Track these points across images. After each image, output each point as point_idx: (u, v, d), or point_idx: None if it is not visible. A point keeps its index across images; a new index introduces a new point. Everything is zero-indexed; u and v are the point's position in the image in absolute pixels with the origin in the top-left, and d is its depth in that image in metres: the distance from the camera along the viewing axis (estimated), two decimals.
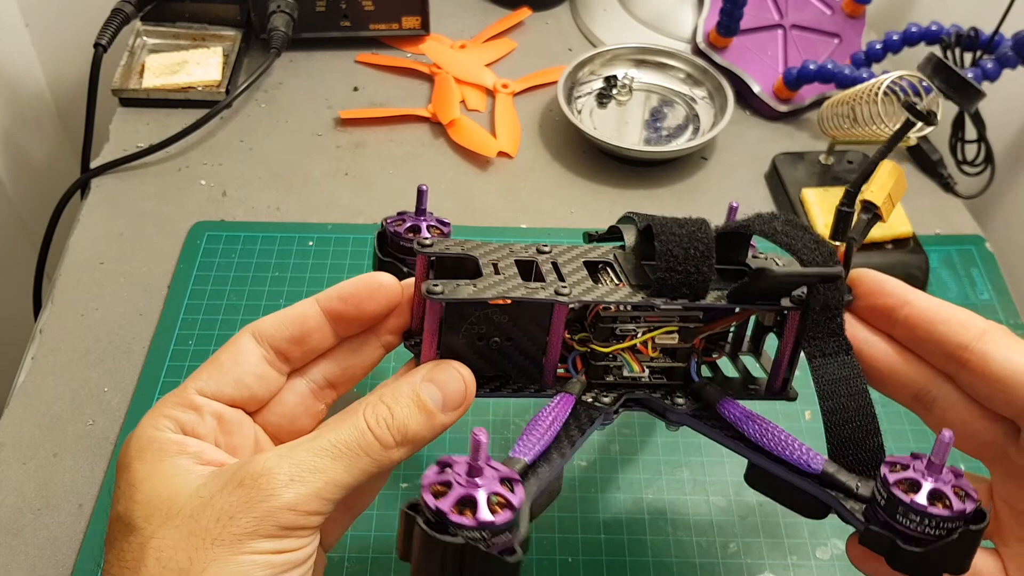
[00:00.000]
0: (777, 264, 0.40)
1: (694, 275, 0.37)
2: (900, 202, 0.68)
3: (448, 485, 0.31)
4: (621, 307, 0.38)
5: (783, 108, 0.79)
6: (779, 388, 0.41)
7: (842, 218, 0.40)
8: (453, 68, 0.81)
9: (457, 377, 0.36)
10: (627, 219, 0.42)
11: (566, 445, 0.36)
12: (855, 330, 0.39)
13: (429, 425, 0.35)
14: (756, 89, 0.78)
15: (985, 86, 0.71)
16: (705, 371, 0.42)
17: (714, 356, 0.42)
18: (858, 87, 0.66)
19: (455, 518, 0.30)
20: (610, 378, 0.40)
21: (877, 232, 0.65)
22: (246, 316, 0.61)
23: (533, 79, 0.81)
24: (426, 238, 0.38)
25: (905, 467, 0.33)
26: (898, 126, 0.41)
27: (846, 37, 0.82)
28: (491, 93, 0.80)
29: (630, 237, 0.40)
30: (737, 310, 0.40)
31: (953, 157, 0.76)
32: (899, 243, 0.66)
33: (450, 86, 0.79)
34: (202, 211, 0.69)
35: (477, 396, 0.37)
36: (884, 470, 0.33)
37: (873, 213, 0.40)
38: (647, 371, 0.40)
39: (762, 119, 0.80)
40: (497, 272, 0.37)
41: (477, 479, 0.31)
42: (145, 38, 0.80)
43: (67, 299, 0.62)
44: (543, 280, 0.37)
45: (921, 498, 0.31)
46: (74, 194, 0.73)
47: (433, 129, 0.77)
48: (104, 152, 0.73)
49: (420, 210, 0.43)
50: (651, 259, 0.38)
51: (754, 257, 0.40)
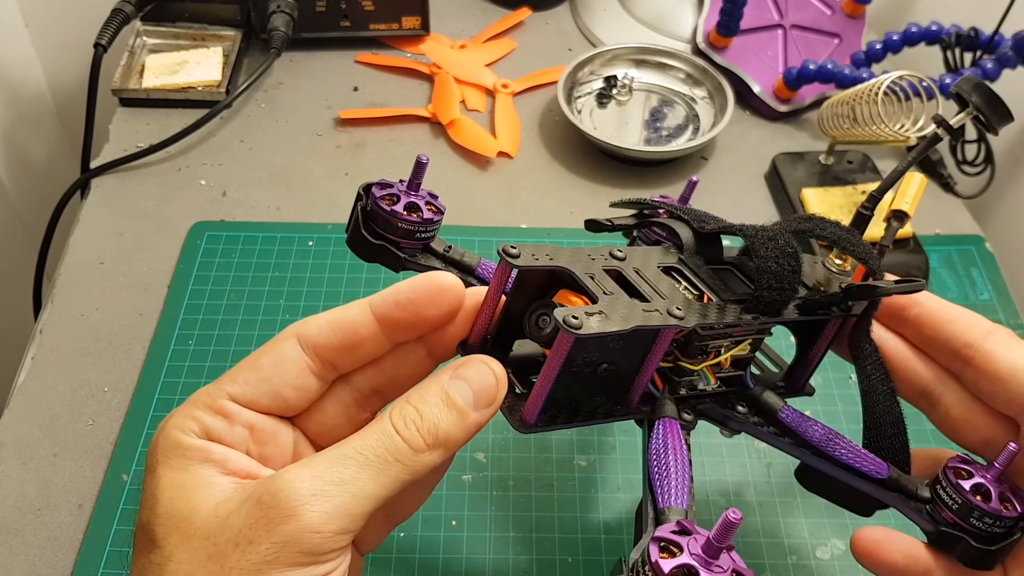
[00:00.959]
0: (816, 262, 0.41)
1: (788, 291, 0.37)
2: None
3: (678, 550, 0.29)
4: (718, 325, 0.36)
5: (783, 108, 0.79)
6: (800, 387, 0.42)
7: (862, 220, 0.42)
8: (453, 68, 0.81)
9: (487, 372, 0.33)
10: (676, 216, 0.40)
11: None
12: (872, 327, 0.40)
13: (462, 425, 0.32)
14: (756, 89, 0.78)
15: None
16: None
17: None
18: (858, 87, 0.66)
19: None
20: (683, 391, 0.39)
21: (877, 232, 0.65)
22: (246, 316, 0.61)
23: (533, 79, 0.81)
24: (512, 246, 0.33)
25: (970, 474, 0.36)
26: (921, 134, 0.44)
27: (846, 37, 0.82)
28: (491, 93, 0.80)
29: (684, 232, 0.39)
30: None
31: (953, 157, 0.76)
32: (899, 243, 0.66)
33: (450, 86, 0.79)
34: (202, 211, 0.69)
35: (574, 425, 0.35)
36: (952, 477, 0.36)
37: (903, 221, 0.42)
38: (719, 382, 0.39)
39: (762, 119, 0.80)
40: (601, 288, 0.34)
41: (713, 561, 0.29)
42: (145, 38, 0.80)
43: (67, 299, 0.62)
44: (640, 294, 0.35)
45: (995, 503, 0.35)
46: (74, 194, 0.73)
47: (433, 129, 0.77)
48: (104, 152, 0.73)
49: (415, 184, 0.37)
50: (718, 263, 0.38)
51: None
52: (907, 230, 0.66)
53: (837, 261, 0.42)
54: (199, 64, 0.78)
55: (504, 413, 0.34)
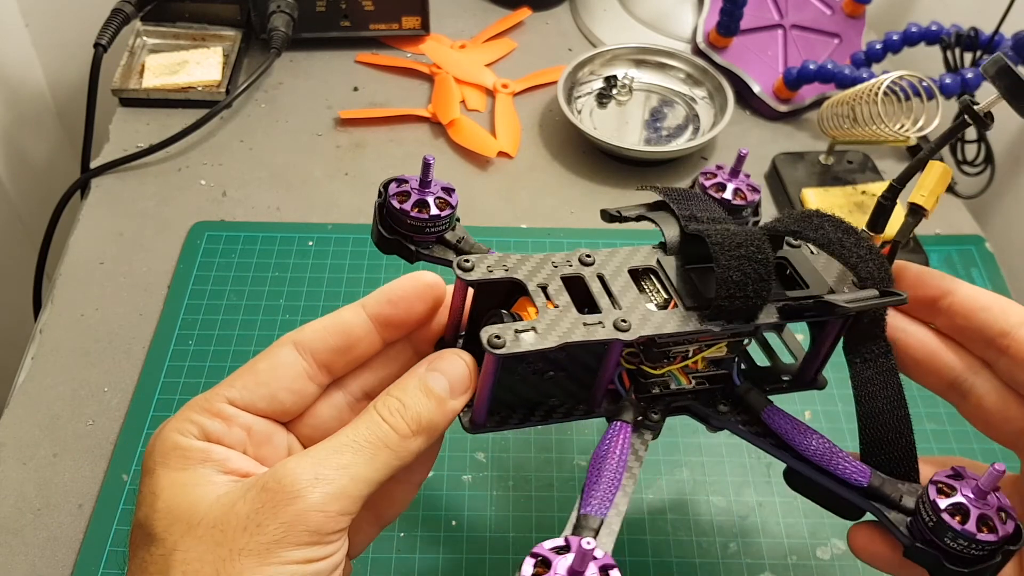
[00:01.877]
0: (812, 253, 0.40)
1: (753, 299, 0.36)
2: (900, 202, 0.68)
3: (547, 566, 0.30)
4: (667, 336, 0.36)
5: (783, 108, 0.79)
6: (810, 379, 0.41)
7: (882, 211, 0.41)
8: (453, 68, 0.81)
9: (459, 362, 0.36)
10: (662, 206, 0.40)
11: (628, 481, 0.36)
12: (893, 319, 0.39)
13: (441, 411, 0.35)
14: (756, 89, 0.78)
15: (985, 86, 0.71)
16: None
17: (745, 343, 0.41)
18: (858, 87, 0.66)
19: None
20: (656, 390, 0.39)
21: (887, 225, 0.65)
22: (246, 316, 0.61)
23: (533, 79, 0.81)
24: (467, 260, 0.35)
25: (952, 490, 0.34)
26: (941, 124, 0.41)
27: (846, 37, 0.82)
28: (491, 93, 0.80)
29: (670, 231, 0.39)
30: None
31: (953, 157, 0.76)
32: (898, 243, 0.66)
33: (450, 86, 0.79)
34: (202, 211, 0.69)
35: (528, 425, 0.37)
36: (932, 492, 0.34)
37: (920, 216, 0.40)
38: (693, 382, 0.39)
39: (762, 119, 0.80)
40: (548, 297, 0.35)
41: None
42: (145, 38, 0.80)
43: (67, 299, 0.62)
44: (594, 302, 0.35)
45: (971, 525, 0.33)
46: (74, 194, 0.73)
47: (433, 129, 0.77)
48: (104, 152, 0.73)
49: (425, 182, 0.39)
50: (697, 262, 0.37)
51: (788, 245, 0.40)
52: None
53: None
54: (199, 64, 0.78)
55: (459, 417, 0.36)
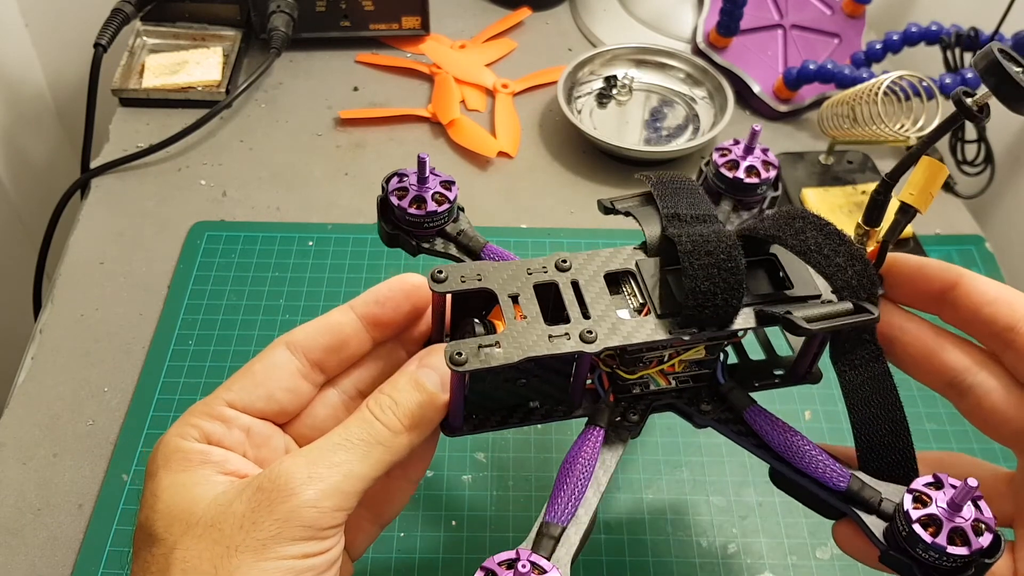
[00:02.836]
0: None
1: (723, 308, 0.35)
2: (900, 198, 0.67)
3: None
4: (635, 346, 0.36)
5: (783, 108, 0.79)
6: (804, 374, 0.41)
7: (876, 206, 0.39)
8: (453, 68, 0.81)
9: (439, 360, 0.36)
10: (649, 201, 0.40)
11: (601, 476, 0.36)
12: (890, 316, 0.38)
13: (432, 406, 0.35)
14: (756, 89, 0.78)
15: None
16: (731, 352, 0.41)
17: (739, 335, 0.40)
18: (858, 87, 0.66)
19: None
20: (636, 390, 0.39)
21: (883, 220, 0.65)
22: (246, 316, 0.61)
23: (533, 79, 0.81)
24: (440, 272, 0.36)
25: (928, 500, 0.33)
26: (933, 122, 0.40)
27: (846, 37, 0.82)
28: (491, 93, 0.80)
29: (651, 230, 0.39)
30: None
31: (953, 157, 0.76)
32: (899, 243, 0.66)
33: (450, 86, 0.79)
34: (202, 211, 0.69)
35: (507, 427, 0.38)
36: (907, 502, 0.33)
37: (911, 215, 0.38)
38: (674, 382, 0.39)
39: (762, 119, 0.80)
40: (520, 309, 0.35)
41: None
42: (145, 38, 0.80)
43: (67, 299, 0.62)
44: (564, 311, 0.36)
45: (942, 539, 0.32)
46: (74, 194, 0.73)
47: (433, 129, 0.77)
48: (104, 152, 0.73)
49: (422, 178, 0.41)
50: (676, 264, 0.37)
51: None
52: (907, 230, 0.66)
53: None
54: (199, 64, 0.78)
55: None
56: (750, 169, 0.42)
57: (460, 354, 0.33)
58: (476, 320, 0.36)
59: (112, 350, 0.59)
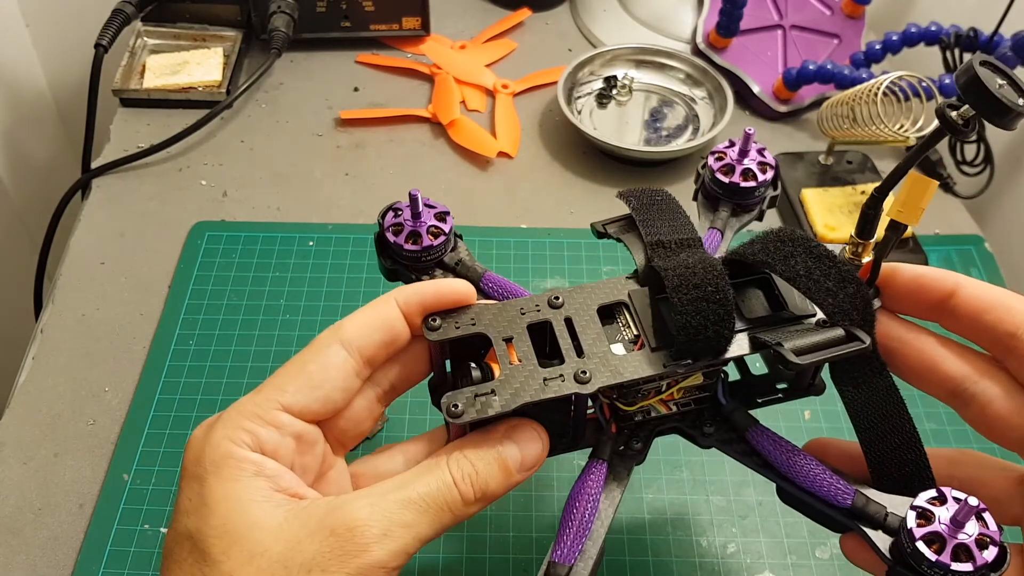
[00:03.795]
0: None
1: (714, 339, 0.36)
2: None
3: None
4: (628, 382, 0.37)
5: (783, 108, 0.79)
6: (807, 385, 0.41)
7: (867, 220, 0.40)
8: (453, 68, 0.81)
9: (536, 438, 0.36)
10: (631, 224, 0.40)
11: (607, 509, 0.37)
12: (889, 328, 0.38)
13: (506, 484, 0.35)
14: (756, 89, 0.79)
15: None
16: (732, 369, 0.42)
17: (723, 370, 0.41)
18: (857, 87, 0.66)
19: None
20: (639, 418, 0.39)
21: (877, 231, 0.65)
22: (247, 316, 0.61)
23: (533, 79, 0.81)
24: (435, 320, 0.36)
25: (931, 516, 0.33)
26: (927, 131, 0.40)
27: (845, 37, 0.82)
28: (491, 93, 0.81)
29: (640, 257, 0.39)
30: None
31: (952, 157, 0.76)
32: (898, 243, 0.66)
33: (450, 86, 0.79)
34: (203, 211, 0.69)
35: None
36: (911, 520, 0.33)
37: (901, 230, 0.39)
38: (675, 408, 0.40)
39: (762, 119, 0.80)
40: (515, 352, 0.36)
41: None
42: (146, 38, 0.80)
43: (68, 299, 0.62)
44: (559, 349, 0.36)
45: (946, 556, 0.32)
46: (75, 194, 0.73)
47: (433, 129, 0.77)
48: (105, 152, 0.73)
49: (416, 213, 0.40)
50: (666, 292, 0.37)
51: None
52: (907, 230, 0.66)
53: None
54: (200, 64, 0.78)
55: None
56: (746, 173, 0.43)
57: (456, 406, 0.34)
58: (472, 364, 0.36)
59: (113, 350, 0.59)
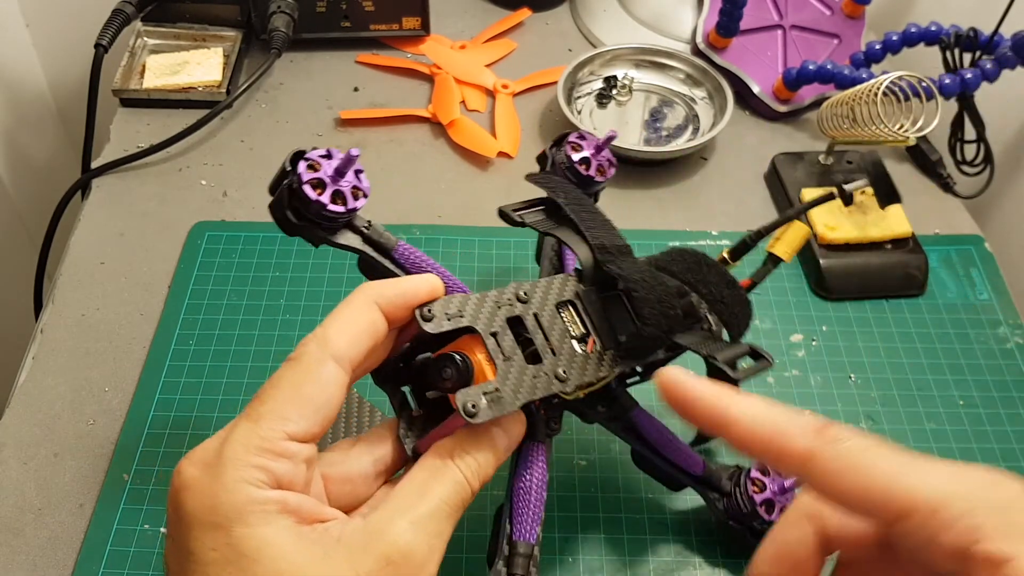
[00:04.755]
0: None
1: (663, 340, 0.40)
2: (899, 202, 0.68)
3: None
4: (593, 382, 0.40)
5: (783, 108, 0.79)
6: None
7: (744, 247, 0.46)
8: (453, 68, 0.81)
9: (518, 421, 0.38)
10: (553, 213, 0.44)
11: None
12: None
13: (497, 466, 0.37)
14: (756, 89, 0.79)
15: (984, 87, 0.71)
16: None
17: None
18: (857, 87, 0.66)
19: None
20: (556, 400, 0.42)
21: (876, 232, 0.65)
22: (247, 316, 0.61)
23: (533, 79, 0.81)
24: (429, 310, 0.36)
25: (764, 487, 0.48)
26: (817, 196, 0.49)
27: (845, 37, 0.82)
28: (491, 93, 0.81)
29: (583, 255, 0.42)
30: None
31: (952, 157, 0.76)
32: (898, 243, 0.66)
33: (450, 86, 0.79)
34: (203, 211, 0.69)
35: None
36: (748, 487, 0.48)
37: (777, 263, 0.46)
38: (586, 393, 0.42)
39: (762, 119, 0.80)
40: (500, 347, 0.37)
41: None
42: (146, 38, 0.80)
43: (68, 299, 0.62)
44: (530, 343, 0.38)
45: (776, 515, 0.47)
46: (75, 194, 0.73)
47: (433, 129, 0.77)
48: (105, 152, 0.73)
49: (341, 172, 0.39)
50: (609, 289, 0.41)
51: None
52: (906, 230, 0.66)
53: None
54: (200, 64, 0.78)
55: (401, 438, 0.39)
56: (600, 168, 0.49)
57: (474, 407, 0.35)
58: (455, 355, 0.37)
59: (113, 350, 0.59)
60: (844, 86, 0.74)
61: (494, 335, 0.37)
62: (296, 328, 0.61)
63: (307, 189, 0.38)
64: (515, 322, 0.38)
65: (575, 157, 0.48)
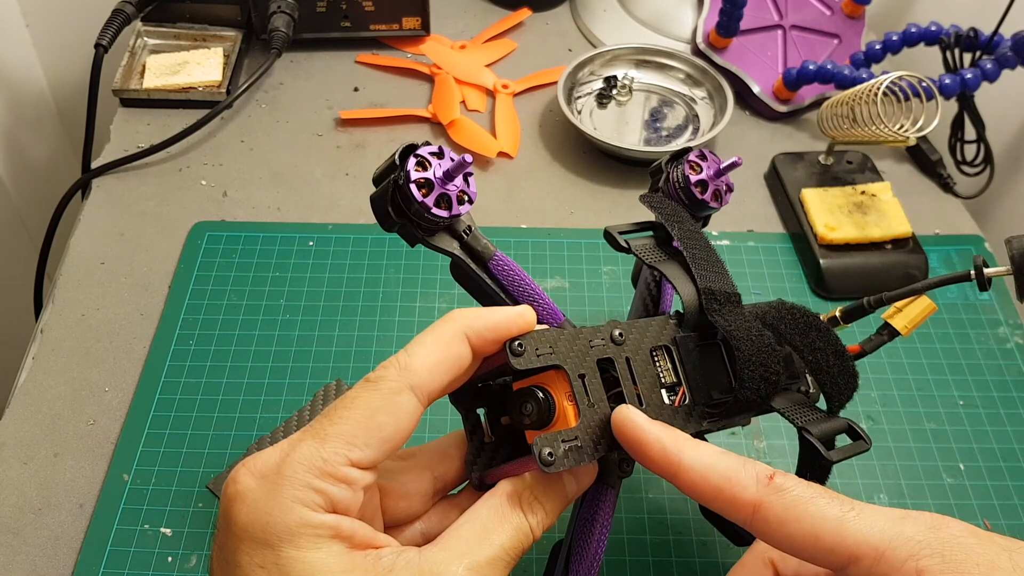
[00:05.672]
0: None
1: (758, 406, 0.38)
2: (900, 202, 0.68)
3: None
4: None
5: (783, 108, 0.79)
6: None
7: (860, 311, 0.45)
8: (453, 68, 0.81)
9: (593, 468, 0.37)
10: (663, 242, 0.42)
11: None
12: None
13: (561, 512, 0.36)
14: (756, 89, 0.79)
15: (984, 86, 0.71)
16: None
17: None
18: (857, 87, 0.66)
19: None
20: None
21: (876, 232, 0.65)
22: (247, 316, 0.61)
23: (533, 79, 0.81)
24: (520, 345, 0.35)
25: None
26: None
27: (845, 38, 0.82)
28: (491, 93, 0.81)
29: (687, 293, 0.39)
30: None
31: (952, 157, 0.76)
32: (898, 243, 0.66)
33: (450, 86, 0.79)
34: (203, 211, 0.69)
35: None
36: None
37: (893, 337, 0.43)
38: None
39: (762, 119, 0.80)
40: (587, 391, 0.35)
41: None
42: (146, 38, 0.80)
43: (68, 299, 0.62)
44: (616, 383, 0.36)
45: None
46: (75, 194, 0.73)
47: (433, 129, 0.77)
48: (105, 152, 0.73)
49: (450, 176, 0.37)
50: (710, 337, 0.39)
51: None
52: (906, 230, 0.66)
53: None
54: (200, 64, 0.78)
55: (468, 465, 0.38)
56: (716, 194, 0.45)
57: (551, 455, 0.33)
58: (536, 390, 0.36)
59: (113, 350, 0.59)
60: (844, 86, 0.74)
61: (582, 377, 0.35)
62: (296, 328, 0.61)
63: (413, 189, 0.36)
64: (605, 362, 0.37)
65: (693, 178, 0.44)
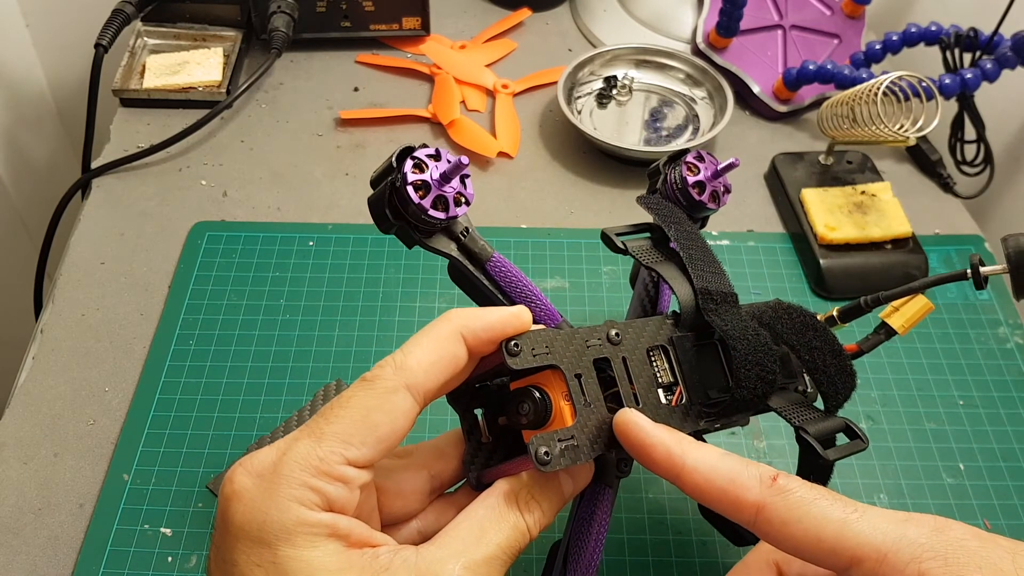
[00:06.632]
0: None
1: (755, 405, 0.38)
2: (900, 202, 0.68)
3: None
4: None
5: (783, 108, 0.79)
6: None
7: (858, 310, 0.44)
8: (453, 68, 0.81)
9: (590, 467, 0.37)
10: (659, 243, 0.42)
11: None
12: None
13: (558, 511, 0.36)
14: (756, 89, 0.79)
15: (984, 87, 0.71)
16: None
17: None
18: (857, 87, 0.66)
19: None
20: None
21: (876, 232, 0.65)
22: (247, 316, 0.61)
23: (533, 79, 0.81)
24: (516, 345, 0.35)
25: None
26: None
27: (845, 37, 0.82)
28: (491, 93, 0.81)
29: (684, 293, 0.39)
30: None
31: (952, 157, 0.76)
32: (898, 243, 0.66)
33: (450, 86, 0.79)
34: (203, 211, 0.69)
35: None
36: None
37: (890, 336, 0.43)
38: None
39: (762, 119, 0.80)
40: (583, 391, 0.35)
41: None
42: (146, 38, 0.80)
43: (68, 299, 0.62)
44: (613, 382, 0.37)
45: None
46: (75, 194, 0.73)
47: (433, 129, 0.77)
48: (105, 152, 0.73)
49: (446, 177, 0.36)
50: (704, 338, 0.39)
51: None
52: (906, 230, 0.66)
53: None
54: (200, 64, 0.78)
55: (465, 464, 0.39)
56: (714, 195, 0.45)
57: (547, 455, 0.33)
58: (533, 389, 0.36)
59: (113, 350, 0.59)
60: (844, 86, 0.74)
61: (578, 377, 0.35)
62: (296, 328, 0.61)
63: (410, 191, 0.36)
64: (602, 362, 0.37)
65: (690, 180, 0.44)
